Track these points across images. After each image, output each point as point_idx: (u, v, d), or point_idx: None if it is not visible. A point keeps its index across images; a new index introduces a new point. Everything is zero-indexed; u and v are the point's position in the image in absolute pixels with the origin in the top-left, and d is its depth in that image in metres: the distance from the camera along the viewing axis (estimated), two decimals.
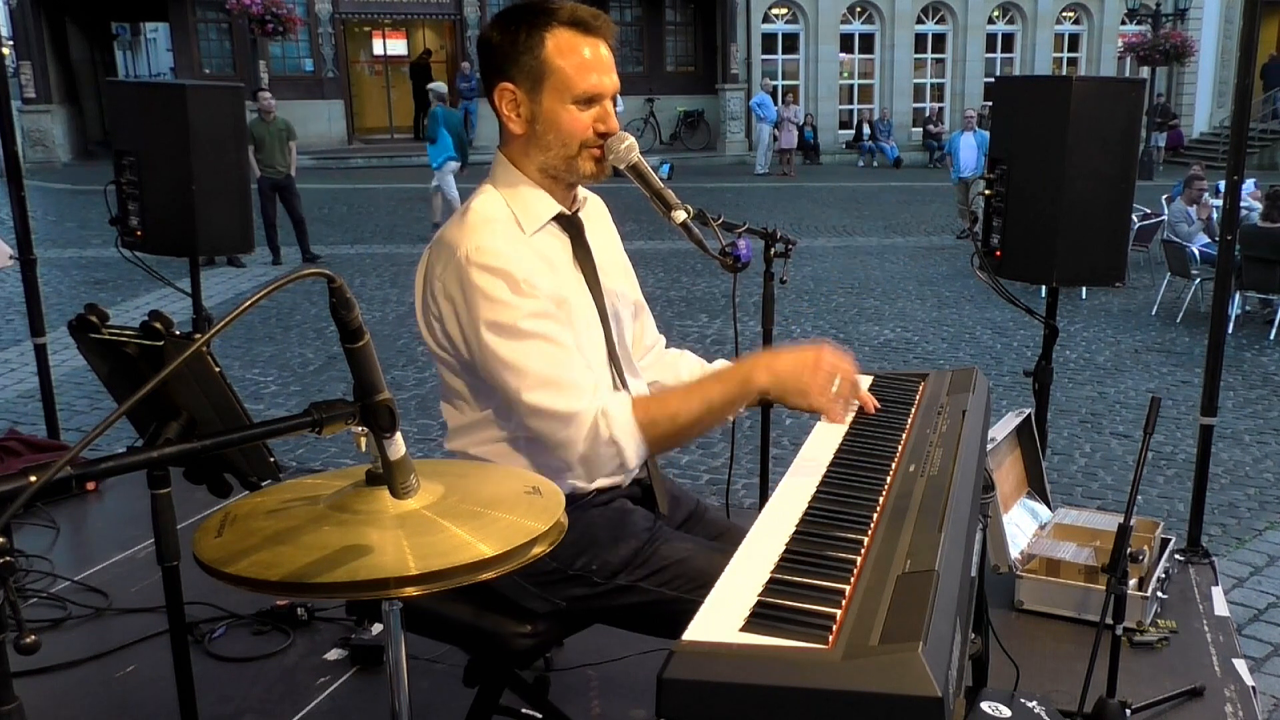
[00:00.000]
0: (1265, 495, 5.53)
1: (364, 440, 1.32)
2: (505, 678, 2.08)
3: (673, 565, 1.91)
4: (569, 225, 1.97)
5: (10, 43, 20.61)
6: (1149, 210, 10.86)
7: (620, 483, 1.99)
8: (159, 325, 1.75)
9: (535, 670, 2.68)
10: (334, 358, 7.62)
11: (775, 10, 24.19)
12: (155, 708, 2.70)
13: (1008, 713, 1.99)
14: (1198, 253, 9.37)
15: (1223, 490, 5.52)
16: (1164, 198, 11.54)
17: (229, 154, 3.78)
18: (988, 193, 3.34)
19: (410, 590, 1.25)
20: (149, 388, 1.12)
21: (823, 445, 1.86)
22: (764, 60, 24.17)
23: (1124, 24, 24.59)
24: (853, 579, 1.38)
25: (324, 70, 22.55)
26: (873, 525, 1.56)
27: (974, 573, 1.92)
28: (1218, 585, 3.34)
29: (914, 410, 2.07)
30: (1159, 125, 22.48)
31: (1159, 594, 3.10)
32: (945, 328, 8.98)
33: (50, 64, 21.24)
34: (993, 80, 22.07)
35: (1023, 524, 3.32)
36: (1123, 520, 2.41)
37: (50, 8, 21.13)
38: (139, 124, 3.74)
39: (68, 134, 21.96)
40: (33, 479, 1.06)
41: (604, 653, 2.70)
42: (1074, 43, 25.94)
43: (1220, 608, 3.20)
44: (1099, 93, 3.19)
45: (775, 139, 21.32)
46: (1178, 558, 3.40)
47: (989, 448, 2.94)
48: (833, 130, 24.41)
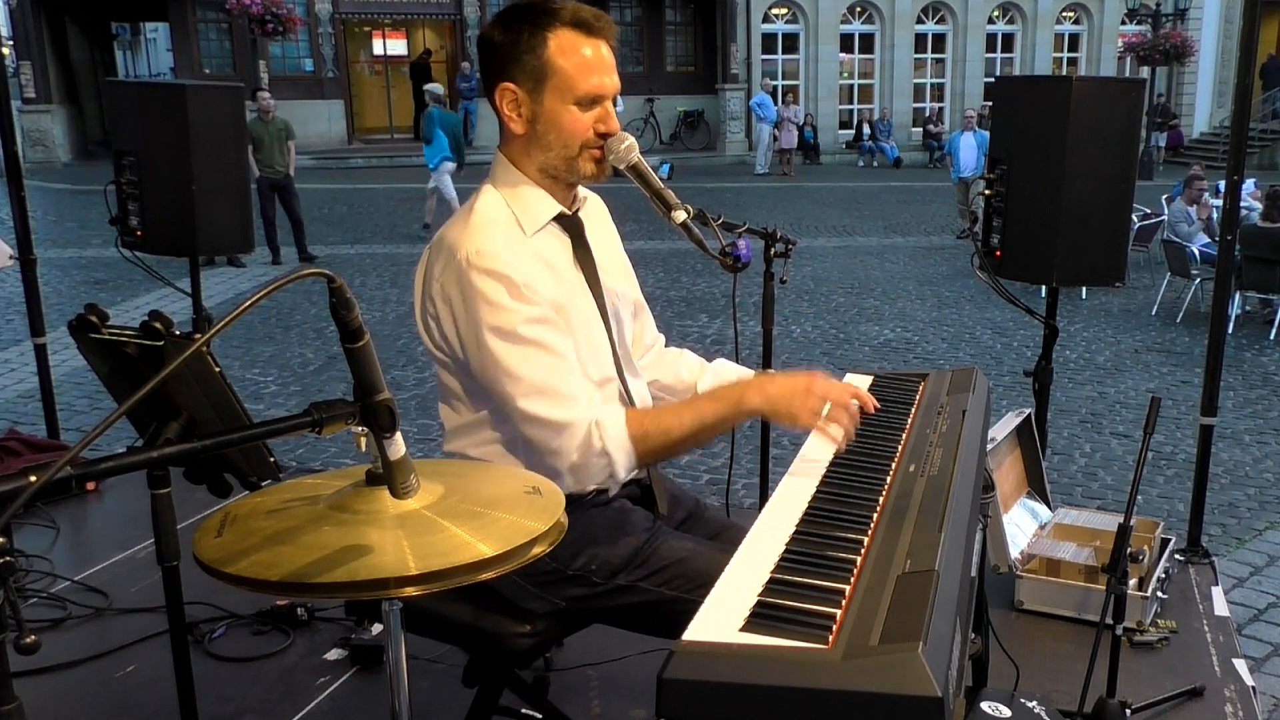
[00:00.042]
0: (1265, 495, 5.53)
1: (364, 440, 1.32)
2: (505, 678, 2.08)
3: (672, 565, 1.92)
4: (569, 225, 1.97)
5: (10, 43, 20.61)
6: (1149, 210, 10.86)
7: (613, 484, 1.99)
8: (159, 325, 1.75)
9: (535, 670, 2.68)
10: (334, 358, 7.62)
11: (775, 10, 24.19)
12: (155, 708, 2.70)
13: (1008, 713, 1.99)
14: (1198, 253, 9.37)
15: (1223, 490, 5.52)
16: (1164, 198, 11.54)
17: (229, 154, 3.79)
18: (988, 193, 3.34)
19: (410, 590, 1.25)
20: (149, 388, 1.12)
21: (823, 445, 1.86)
22: (764, 60, 24.16)
23: (1124, 24, 24.59)
24: (853, 579, 1.38)
25: (324, 70, 22.56)
26: (873, 525, 1.56)
27: (974, 573, 1.92)
28: (1218, 585, 3.34)
29: (914, 410, 2.08)
30: (1159, 125, 22.48)
31: (1159, 594, 3.10)
32: (945, 328, 8.98)
33: (50, 64, 21.23)
34: (993, 80, 22.07)
35: (1023, 524, 3.32)
36: (1123, 520, 2.41)
37: (50, 8, 21.13)
38: (139, 124, 3.74)
39: (68, 134, 21.96)
40: (33, 479, 1.06)
41: (604, 653, 2.70)
42: (1074, 43, 25.94)
43: (1220, 608, 3.20)
44: (1099, 93, 3.19)
45: (775, 139, 21.31)
46: (1178, 558, 3.40)
47: (989, 448, 2.94)
48: (833, 130, 24.41)
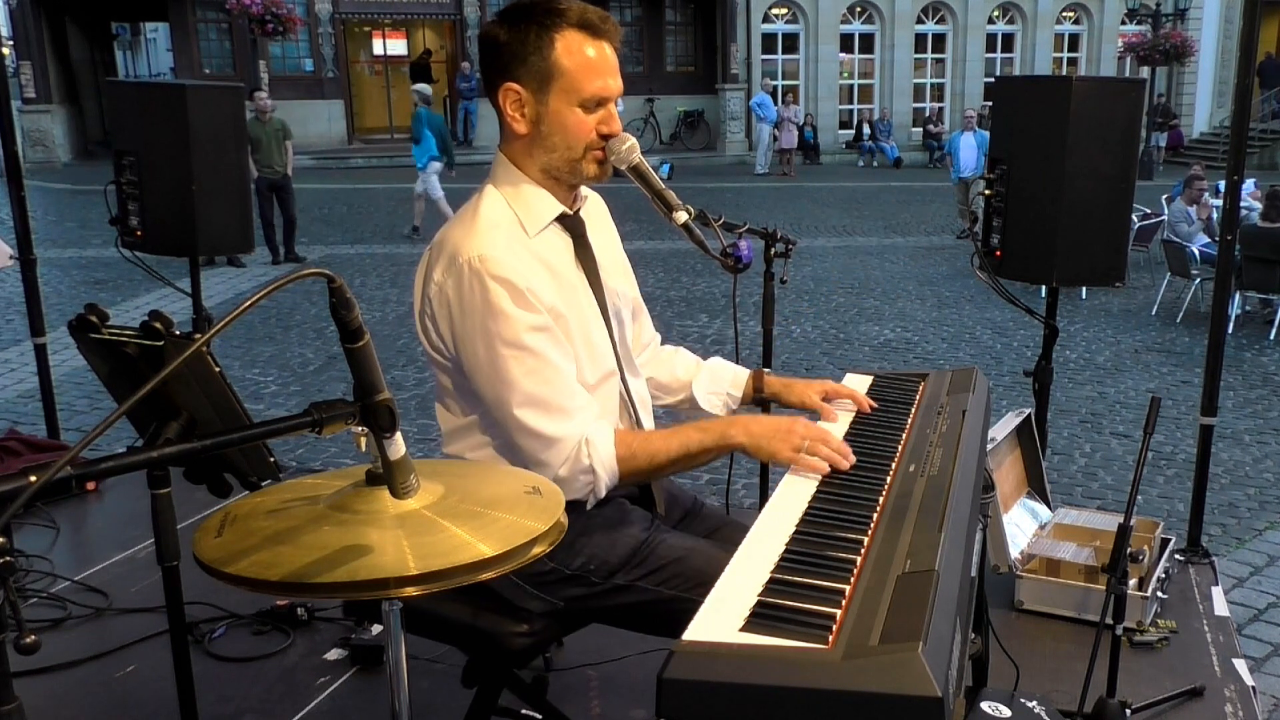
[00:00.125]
0: (1265, 495, 5.53)
1: (364, 440, 1.32)
2: (504, 678, 2.08)
3: (671, 564, 1.92)
4: (571, 225, 1.97)
5: (10, 43, 20.61)
6: (1149, 210, 10.86)
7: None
8: (159, 325, 1.75)
9: (534, 670, 2.68)
10: (334, 358, 7.62)
11: (775, 10, 24.19)
12: (155, 708, 2.70)
13: (1008, 713, 1.99)
14: (1198, 253, 9.37)
15: (1223, 490, 5.52)
16: (1164, 198, 11.54)
17: (229, 154, 3.79)
18: (988, 193, 3.34)
19: (410, 590, 1.25)
20: (149, 388, 1.12)
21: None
22: (764, 60, 24.16)
23: (1124, 24, 24.59)
24: (853, 579, 1.38)
25: (324, 70, 22.56)
26: (873, 525, 1.56)
27: (974, 573, 1.92)
28: (1218, 585, 3.34)
29: (914, 410, 2.08)
30: (1159, 125, 22.48)
31: (1159, 594, 3.10)
32: (945, 328, 8.98)
33: (50, 64, 21.24)
34: (993, 80, 22.07)
35: (1023, 524, 3.32)
36: (1123, 520, 2.41)
37: (50, 8, 21.14)
38: (139, 124, 3.74)
39: (68, 134, 21.96)
40: (33, 479, 1.06)
41: (604, 653, 2.70)
42: (1074, 43, 25.94)
43: (1220, 608, 3.20)
44: (1099, 93, 3.19)
45: (775, 139, 21.31)
46: (1178, 558, 3.40)
47: (989, 448, 2.94)
48: (833, 130, 24.40)
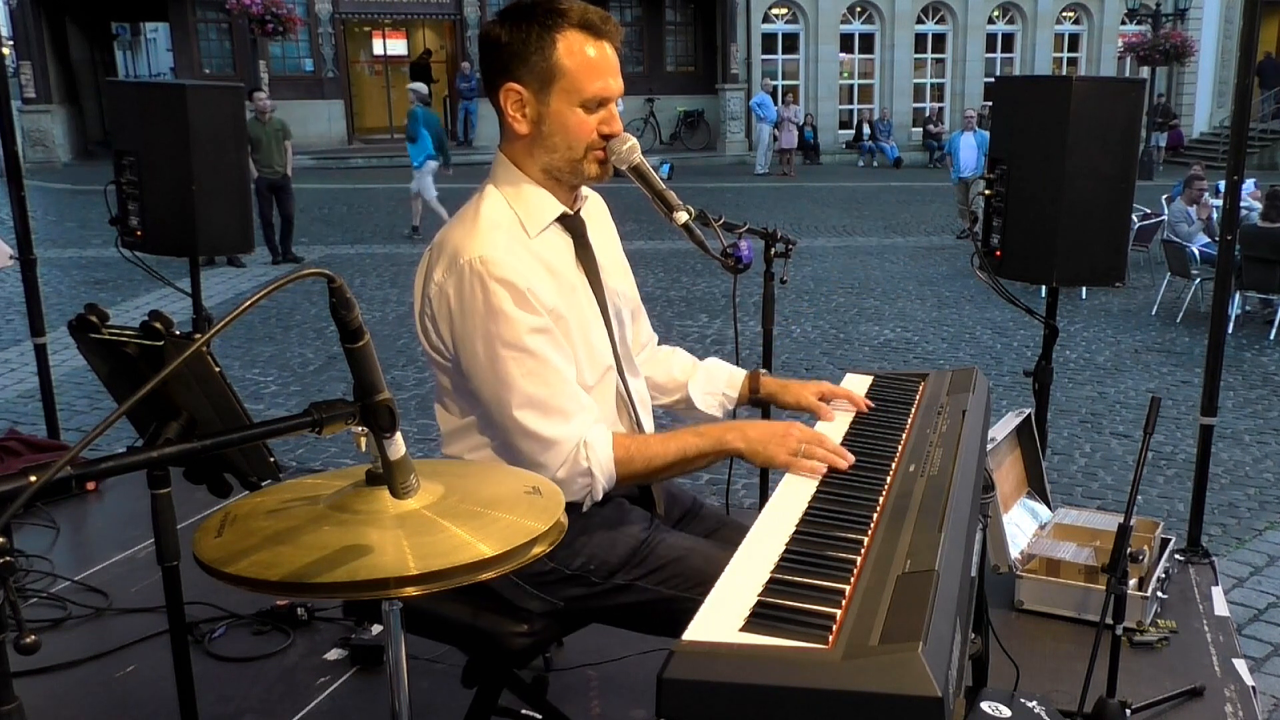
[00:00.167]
0: (1265, 495, 5.53)
1: (364, 440, 1.32)
2: (504, 678, 2.08)
3: (670, 564, 1.92)
4: (572, 225, 1.97)
5: (10, 43, 20.61)
6: (1149, 210, 10.86)
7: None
8: (159, 325, 1.75)
9: (534, 670, 2.68)
10: (334, 358, 7.62)
11: (775, 10, 24.19)
12: (155, 708, 2.70)
13: (1008, 713, 1.99)
14: (1198, 253, 9.37)
15: (1223, 490, 5.52)
16: (1164, 198, 11.54)
17: (229, 154, 3.79)
18: (988, 193, 3.34)
19: (410, 590, 1.25)
20: (149, 388, 1.12)
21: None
22: (764, 60, 24.16)
23: (1124, 24, 24.59)
24: (853, 579, 1.38)
25: (324, 70, 22.56)
26: (873, 525, 1.56)
27: (974, 573, 1.92)
28: (1218, 585, 3.34)
29: (914, 410, 2.08)
30: (1159, 125, 22.48)
31: (1159, 594, 3.10)
32: (945, 328, 8.98)
33: (50, 64, 21.24)
34: (993, 80, 22.07)
35: (1023, 524, 3.32)
36: (1123, 520, 2.41)
37: (50, 8, 21.14)
38: (139, 124, 3.74)
39: (68, 134, 21.96)
40: (33, 479, 1.06)
41: (604, 653, 2.70)
42: (1074, 43, 25.94)
43: (1220, 608, 3.20)
44: (1099, 93, 3.19)
45: (775, 139, 21.31)
46: (1178, 558, 3.40)
47: (989, 448, 2.94)
48: (833, 130, 24.41)
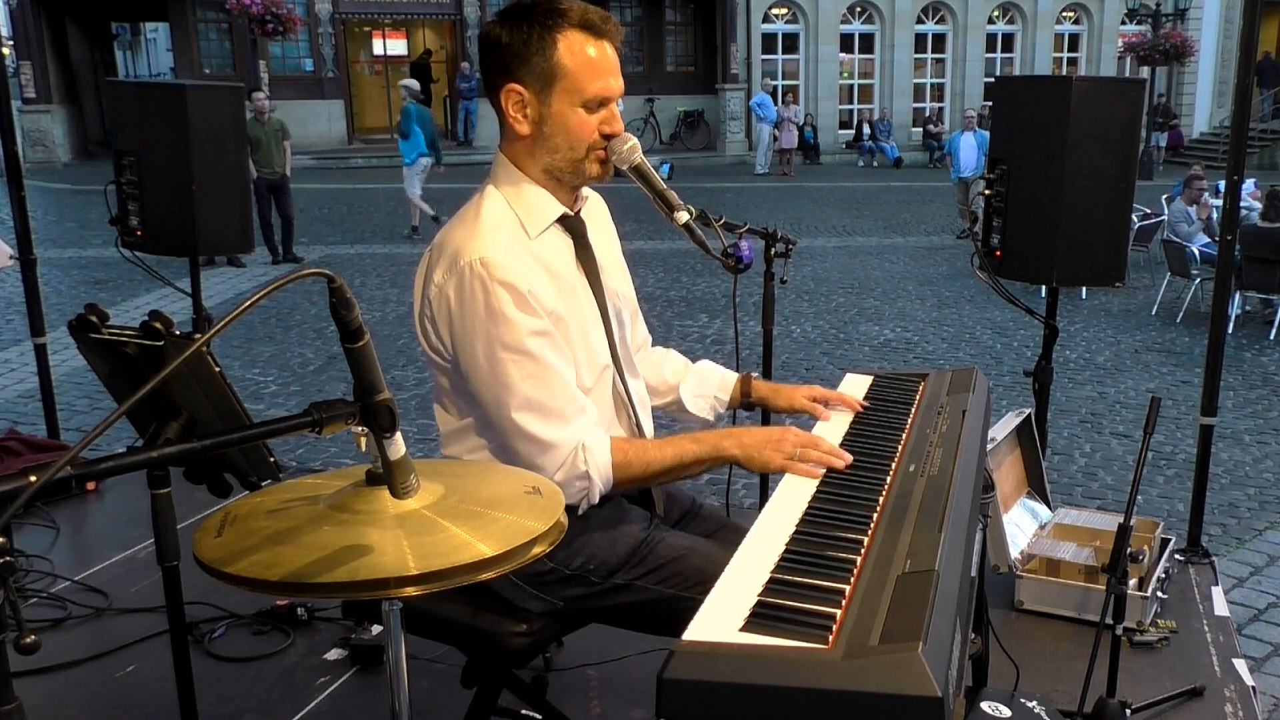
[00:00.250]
0: (1265, 495, 5.53)
1: (364, 440, 1.32)
2: (503, 678, 2.08)
3: (670, 563, 1.92)
4: (572, 226, 1.97)
5: (10, 43, 20.62)
6: (1149, 210, 10.86)
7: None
8: (159, 325, 1.75)
9: (534, 670, 2.68)
10: (334, 358, 7.62)
11: (775, 10, 24.19)
12: (155, 708, 2.70)
13: (1008, 713, 1.99)
14: (1198, 253, 9.37)
15: (1223, 490, 5.52)
16: (1164, 198, 11.54)
17: (229, 154, 3.79)
18: (988, 193, 3.34)
19: (410, 590, 1.25)
20: (149, 388, 1.12)
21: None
22: (764, 60, 24.17)
23: (1124, 24, 24.59)
24: (853, 579, 1.38)
25: (324, 70, 22.56)
26: (873, 525, 1.56)
27: (974, 573, 1.92)
28: (1218, 585, 3.34)
29: (914, 410, 2.08)
30: (1159, 125, 22.48)
31: (1159, 594, 3.10)
32: (945, 328, 8.98)
33: (50, 64, 21.24)
34: (993, 80, 22.07)
35: (1023, 524, 3.32)
36: (1123, 520, 2.41)
37: (50, 8, 21.14)
38: (139, 124, 3.74)
39: (68, 134, 21.96)
40: (33, 479, 1.06)
41: (604, 653, 2.70)
42: (1074, 43, 25.94)
43: (1220, 608, 3.20)
44: (1099, 93, 3.19)
45: (775, 139, 21.31)
46: (1178, 558, 3.40)
47: (989, 448, 2.94)
48: (833, 130, 24.41)
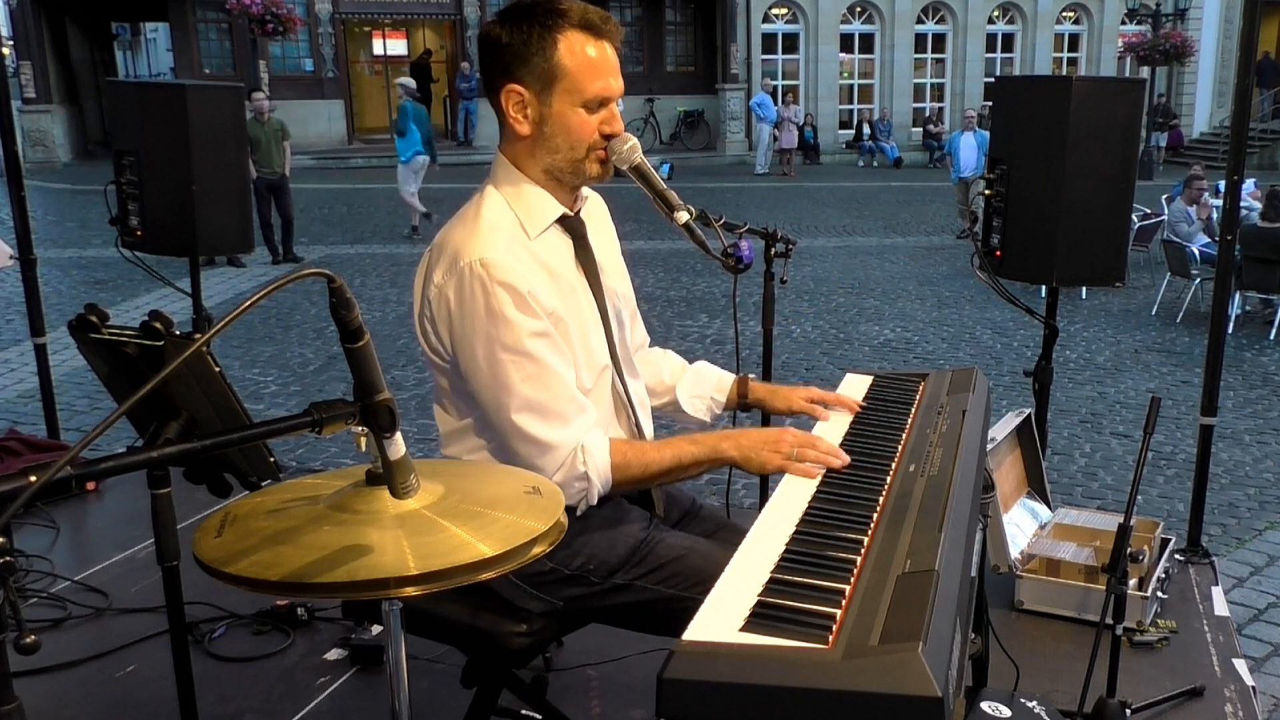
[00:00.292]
0: (1265, 495, 5.53)
1: (364, 440, 1.32)
2: (503, 678, 2.08)
3: (670, 563, 1.92)
4: (572, 226, 1.97)
5: (10, 43, 20.62)
6: (1149, 210, 10.86)
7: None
8: (159, 325, 1.75)
9: (534, 670, 2.68)
10: (334, 358, 7.61)
11: (775, 10, 24.19)
12: (155, 708, 2.70)
13: (1008, 713, 1.99)
14: (1198, 253, 9.37)
15: (1223, 490, 5.52)
16: (1164, 198, 11.54)
17: (229, 154, 3.79)
18: (988, 193, 3.34)
19: (410, 590, 1.25)
20: (149, 388, 1.12)
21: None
22: (764, 60, 24.16)
23: (1124, 24, 24.59)
24: (853, 579, 1.38)
25: (324, 70, 22.56)
26: (873, 525, 1.56)
27: (974, 573, 1.92)
28: (1218, 585, 3.34)
29: (914, 410, 2.08)
30: (1159, 125, 22.48)
31: (1159, 594, 3.10)
32: (945, 328, 8.98)
33: (50, 64, 21.24)
34: (993, 80, 22.08)
35: (1023, 524, 3.32)
36: (1123, 520, 2.41)
37: (50, 8, 21.13)
38: (139, 124, 3.74)
39: (68, 134, 21.96)
40: (33, 479, 1.06)
41: (604, 653, 2.70)
42: (1074, 43, 25.94)
43: (1220, 608, 3.20)
44: (1099, 93, 3.19)
45: (775, 139, 21.31)
46: (1178, 558, 3.40)
47: (989, 448, 2.94)
48: (833, 130, 24.41)
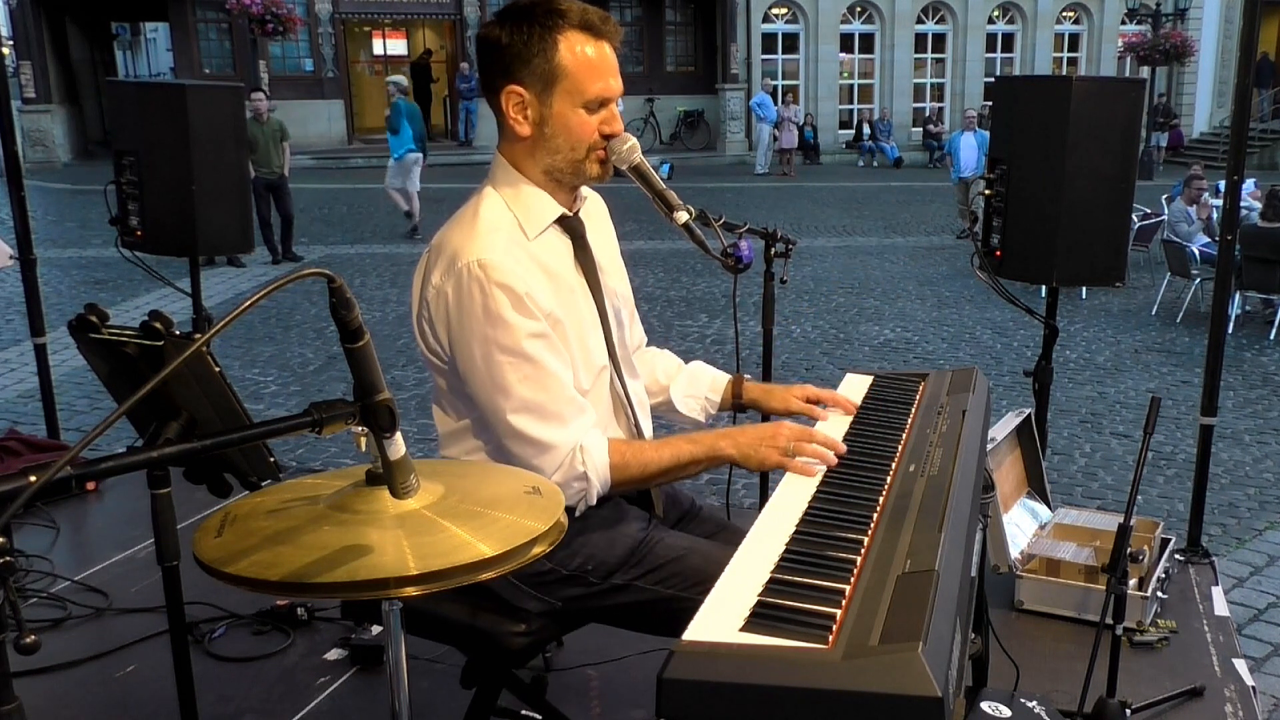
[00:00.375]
0: (1265, 495, 5.53)
1: (364, 440, 1.32)
2: (503, 678, 2.08)
3: (669, 563, 1.92)
4: (571, 226, 1.97)
5: (10, 43, 20.61)
6: (1149, 210, 10.86)
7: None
8: (159, 325, 1.75)
9: (534, 670, 2.68)
10: (334, 358, 7.61)
11: (775, 10, 24.19)
12: (155, 708, 2.70)
13: (1008, 713, 1.99)
14: (1198, 253, 9.37)
15: (1223, 490, 5.52)
16: (1164, 198, 11.54)
17: (229, 154, 3.79)
18: (988, 193, 3.34)
19: (410, 590, 1.25)
20: (149, 388, 1.12)
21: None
22: (764, 60, 24.16)
23: (1124, 24, 24.60)
24: (853, 579, 1.38)
25: (324, 70, 22.55)
26: (873, 525, 1.56)
27: (974, 573, 1.92)
28: (1218, 585, 3.34)
29: (914, 410, 2.08)
30: (1159, 125, 22.48)
31: (1159, 594, 3.10)
32: (945, 328, 8.98)
33: (50, 64, 21.23)
34: (993, 80, 22.08)
35: (1023, 524, 3.32)
36: (1123, 520, 2.41)
37: (50, 8, 21.13)
38: (139, 124, 3.74)
39: (68, 134, 21.95)
40: (33, 479, 1.06)
41: (604, 653, 2.70)
42: (1074, 43, 25.94)
43: (1220, 608, 3.20)
44: (1099, 93, 3.19)
45: (775, 139, 21.30)
46: (1178, 558, 3.40)
47: (989, 448, 2.94)
48: (833, 130, 24.40)
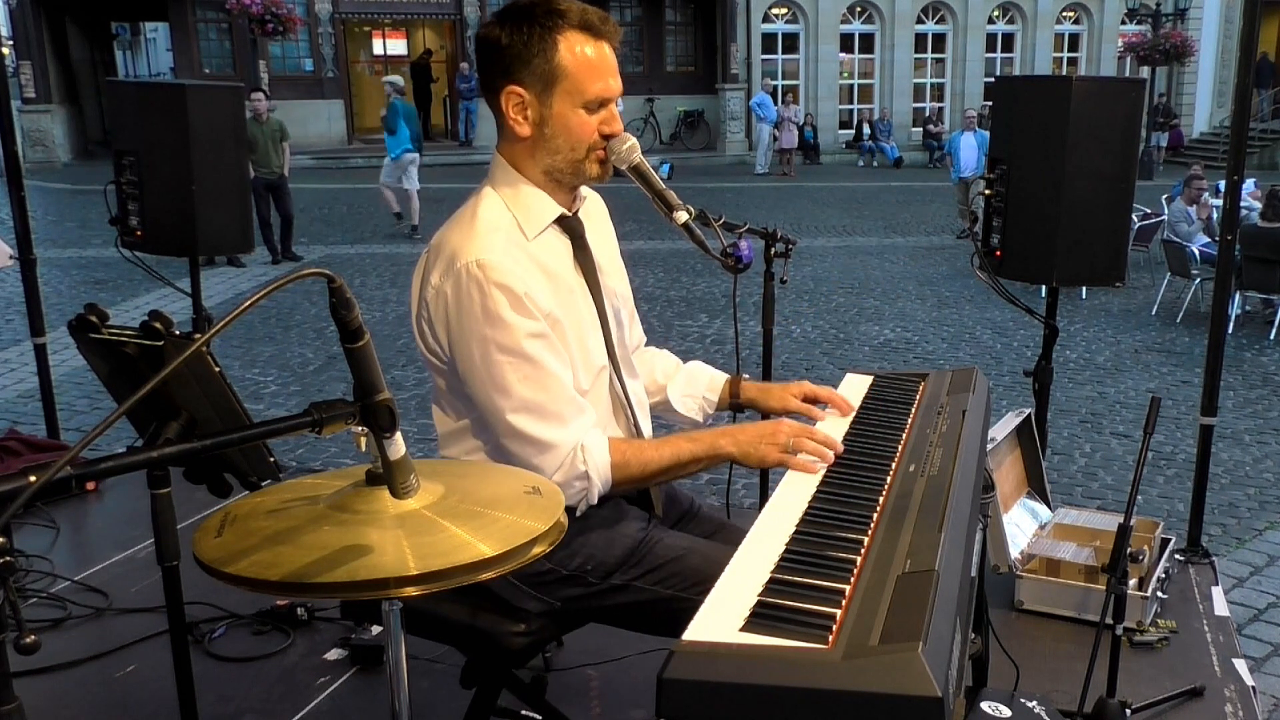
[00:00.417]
0: (1265, 495, 5.53)
1: (364, 440, 1.32)
2: (503, 678, 2.08)
3: (668, 563, 1.92)
4: (570, 226, 1.97)
5: (10, 43, 20.61)
6: (1149, 210, 10.86)
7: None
8: (159, 325, 1.75)
9: (534, 670, 2.68)
10: (334, 358, 7.62)
11: (775, 10, 24.19)
12: (155, 708, 2.70)
13: (1008, 713, 1.99)
14: (1198, 253, 9.37)
15: (1223, 490, 5.52)
16: (1164, 198, 11.54)
17: (229, 154, 3.79)
18: (988, 193, 3.34)
19: (410, 590, 1.25)
20: (149, 388, 1.12)
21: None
22: (764, 60, 24.16)
23: (1124, 24, 24.60)
24: (853, 579, 1.38)
25: (324, 70, 22.56)
26: (873, 525, 1.56)
27: (974, 573, 1.92)
28: (1218, 585, 3.34)
29: (914, 410, 2.08)
30: (1159, 125, 22.48)
31: (1159, 594, 3.10)
32: (945, 328, 8.98)
33: (50, 64, 21.23)
34: (993, 80, 22.08)
35: (1023, 524, 3.32)
36: (1123, 520, 2.41)
37: (50, 8, 21.13)
38: (139, 124, 3.74)
39: (68, 134, 21.95)
40: (33, 479, 1.06)
41: (604, 653, 2.70)
42: (1074, 43, 25.94)
43: (1220, 608, 3.20)
44: (1099, 93, 3.19)
45: (775, 139, 21.30)
46: (1178, 558, 3.40)
47: (989, 448, 2.94)
48: (833, 130, 24.40)
